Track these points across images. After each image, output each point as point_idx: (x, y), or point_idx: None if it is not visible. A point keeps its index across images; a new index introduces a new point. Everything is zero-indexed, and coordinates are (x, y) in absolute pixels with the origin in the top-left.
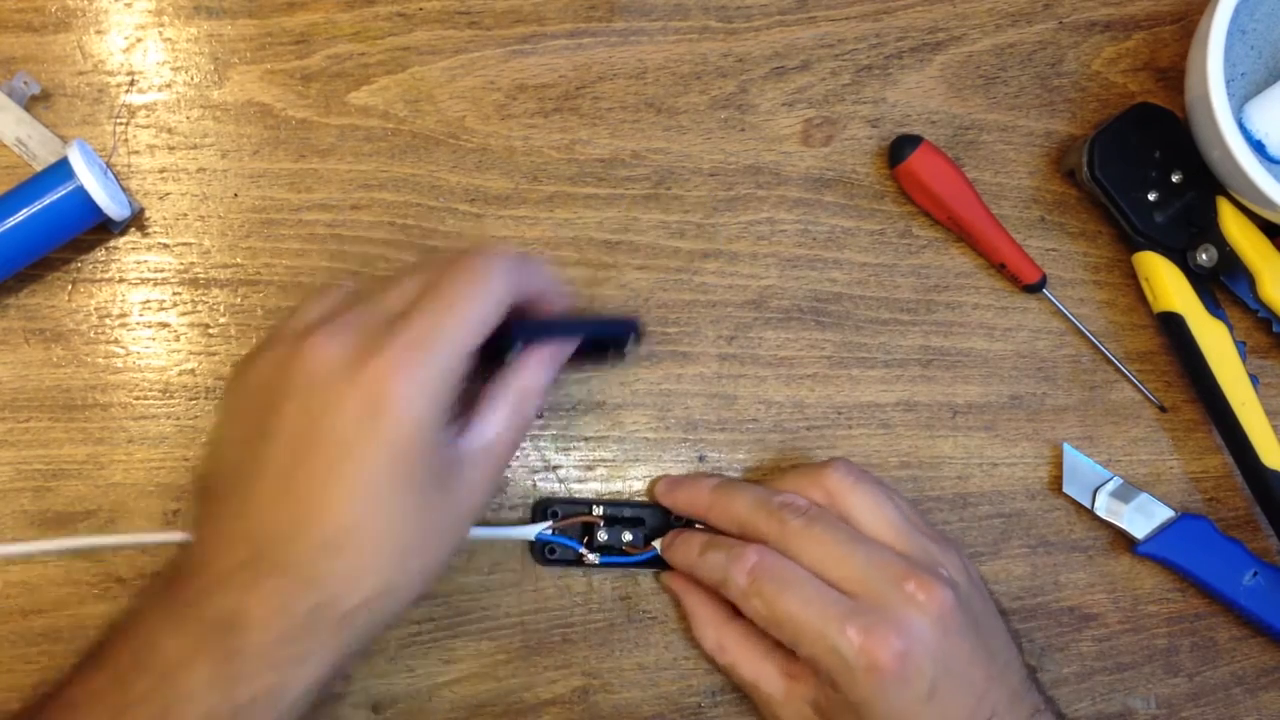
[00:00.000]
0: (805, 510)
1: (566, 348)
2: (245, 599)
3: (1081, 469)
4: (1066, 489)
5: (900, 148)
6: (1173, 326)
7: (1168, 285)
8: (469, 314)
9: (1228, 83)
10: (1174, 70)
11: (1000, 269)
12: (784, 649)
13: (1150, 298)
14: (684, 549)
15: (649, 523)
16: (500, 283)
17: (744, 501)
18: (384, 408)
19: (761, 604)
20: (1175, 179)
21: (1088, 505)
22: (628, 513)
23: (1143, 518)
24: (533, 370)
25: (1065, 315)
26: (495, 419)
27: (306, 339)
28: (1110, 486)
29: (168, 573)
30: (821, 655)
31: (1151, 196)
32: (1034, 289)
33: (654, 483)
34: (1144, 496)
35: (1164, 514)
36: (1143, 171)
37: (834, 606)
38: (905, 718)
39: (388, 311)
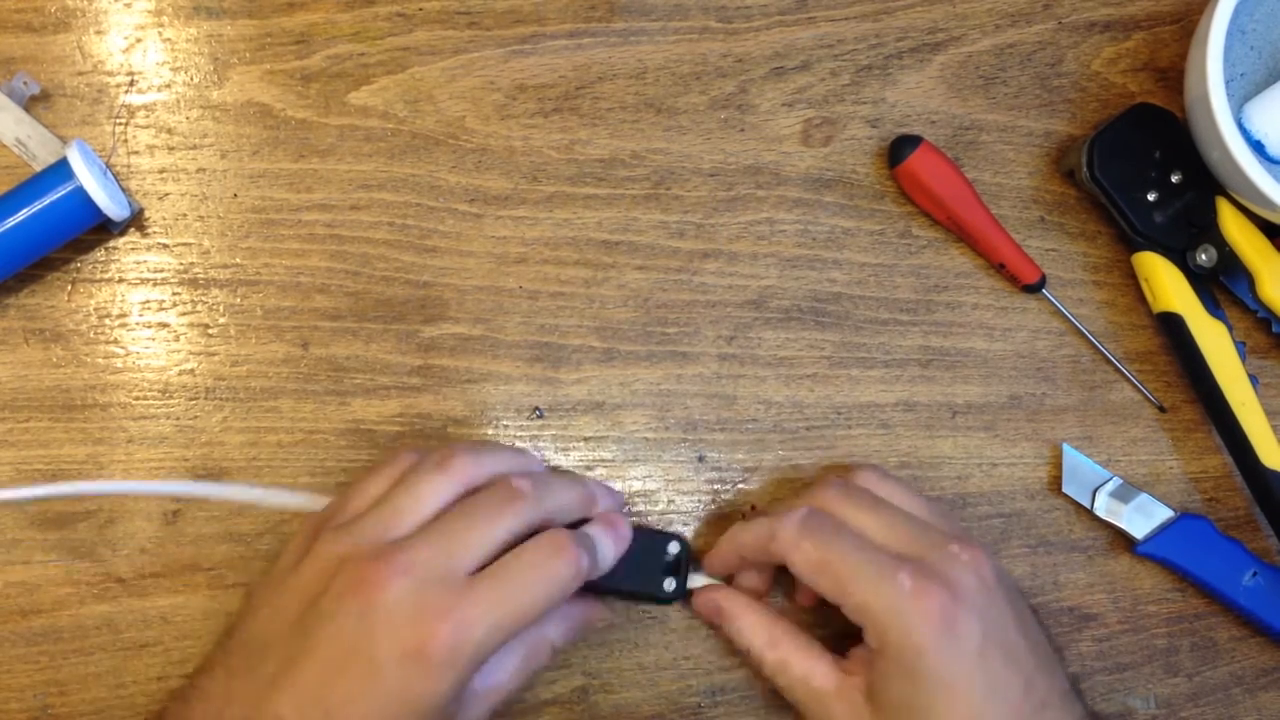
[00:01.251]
0: (843, 486)
1: (601, 614)
2: None
3: (1081, 469)
4: (1066, 489)
5: (900, 148)
6: (1172, 326)
7: (1167, 285)
8: (543, 600)
9: (1228, 83)
10: (1174, 70)
11: (1000, 269)
12: (830, 653)
13: (1150, 298)
14: (728, 542)
15: (639, 542)
16: (584, 569)
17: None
18: (429, 666)
19: (813, 547)
20: (1175, 179)
21: (1087, 505)
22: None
23: (1142, 518)
24: (557, 626)
25: (1065, 315)
26: (510, 665)
27: (381, 563)
28: (1110, 486)
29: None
30: (872, 601)
31: (1151, 196)
32: (1034, 289)
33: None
34: (1143, 496)
35: (1163, 514)
36: (1142, 171)
37: (885, 555)
38: (958, 675)
39: (464, 560)
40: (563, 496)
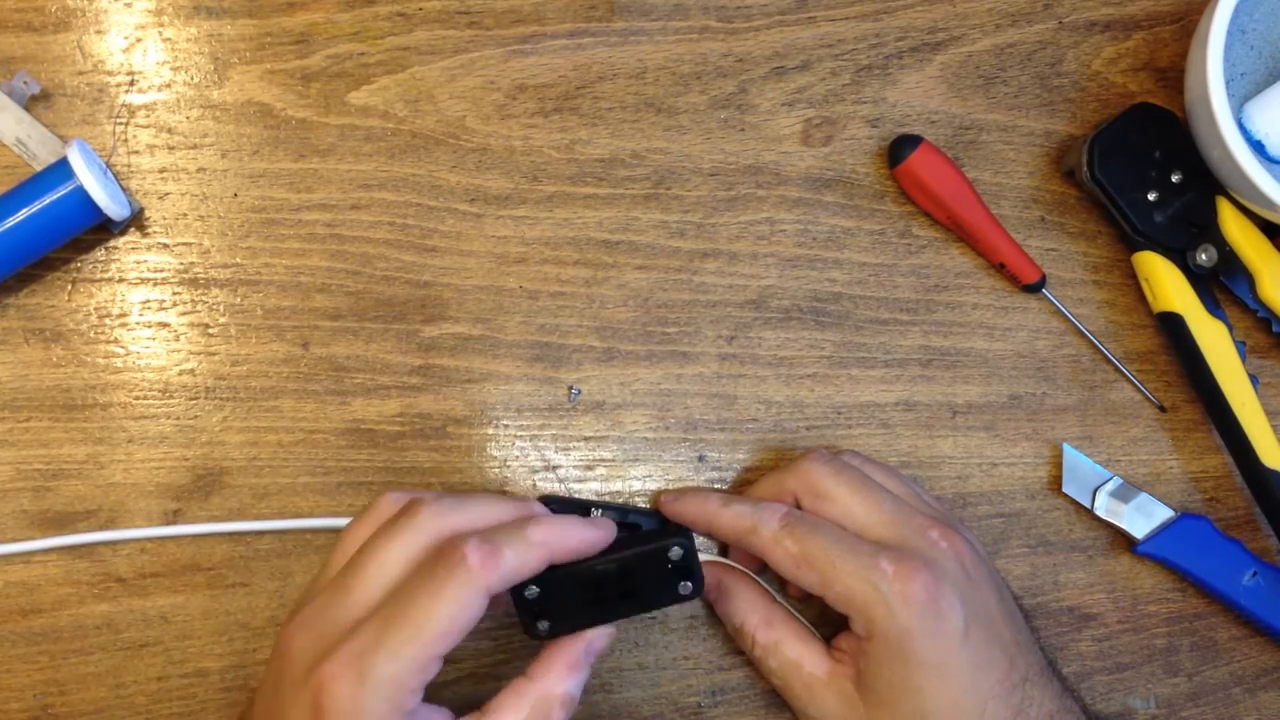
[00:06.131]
0: (831, 460)
1: (600, 637)
2: None
3: (1081, 469)
4: (1066, 489)
5: (900, 148)
6: (1172, 326)
7: (1167, 285)
8: (439, 608)
9: (1228, 83)
10: (1174, 70)
11: (1000, 269)
12: (823, 640)
13: (1150, 298)
14: (697, 502)
15: (636, 555)
16: (478, 564)
17: (761, 492)
18: (323, 713)
19: (793, 543)
20: (1175, 179)
21: (1087, 505)
22: (628, 519)
23: (1142, 518)
24: (557, 673)
25: (1065, 315)
26: None
27: (287, 625)
28: (1110, 486)
29: None
30: (856, 589)
31: (1151, 196)
32: (1034, 289)
33: (657, 495)
34: (1143, 496)
35: (1164, 514)
36: (1142, 171)
37: (865, 544)
38: (945, 656)
39: (357, 607)
40: (520, 555)
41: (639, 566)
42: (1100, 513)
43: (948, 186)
